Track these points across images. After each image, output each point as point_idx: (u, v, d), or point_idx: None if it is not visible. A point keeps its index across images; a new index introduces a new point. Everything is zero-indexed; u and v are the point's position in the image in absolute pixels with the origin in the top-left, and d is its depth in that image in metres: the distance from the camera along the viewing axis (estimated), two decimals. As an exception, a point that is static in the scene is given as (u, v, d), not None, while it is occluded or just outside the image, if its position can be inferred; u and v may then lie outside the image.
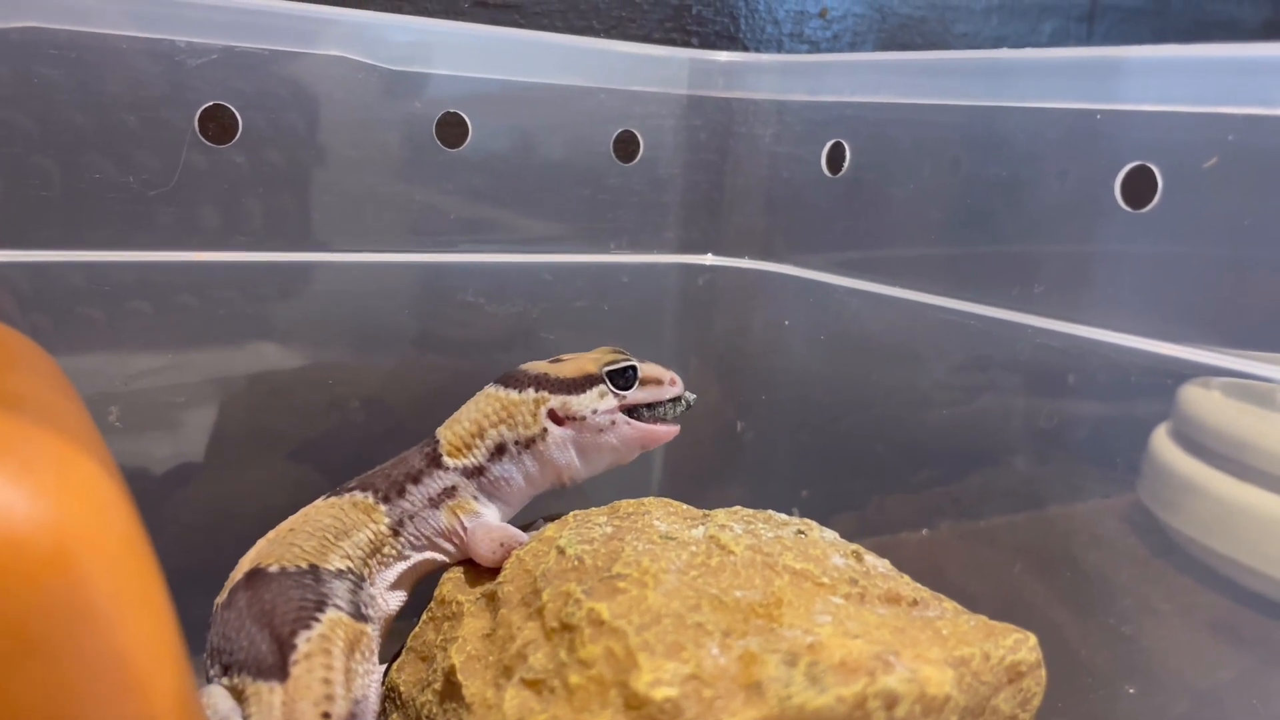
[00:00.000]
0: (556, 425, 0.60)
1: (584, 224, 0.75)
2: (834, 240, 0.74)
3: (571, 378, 0.61)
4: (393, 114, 0.66)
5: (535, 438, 0.60)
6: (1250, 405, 0.54)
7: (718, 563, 0.49)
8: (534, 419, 0.60)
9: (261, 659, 0.49)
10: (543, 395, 0.60)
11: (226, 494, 0.69)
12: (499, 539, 0.56)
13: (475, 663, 0.49)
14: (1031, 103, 0.59)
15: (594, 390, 0.60)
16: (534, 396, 0.60)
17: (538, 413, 0.60)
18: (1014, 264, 0.62)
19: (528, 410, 0.60)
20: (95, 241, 0.61)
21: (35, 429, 0.30)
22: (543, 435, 0.60)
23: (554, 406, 0.60)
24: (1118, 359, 0.56)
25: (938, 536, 0.69)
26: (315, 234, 0.67)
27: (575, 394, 0.60)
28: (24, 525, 0.26)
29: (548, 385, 0.60)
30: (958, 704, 0.43)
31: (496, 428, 0.60)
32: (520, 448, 0.60)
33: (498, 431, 0.60)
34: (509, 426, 0.60)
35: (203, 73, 0.60)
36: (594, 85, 0.71)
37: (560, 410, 0.60)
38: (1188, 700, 0.56)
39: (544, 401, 0.60)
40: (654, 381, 0.62)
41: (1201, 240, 0.53)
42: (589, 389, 0.60)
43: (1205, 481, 0.55)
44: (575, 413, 0.60)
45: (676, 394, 0.62)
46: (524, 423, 0.60)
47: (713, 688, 0.40)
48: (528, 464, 0.60)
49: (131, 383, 0.64)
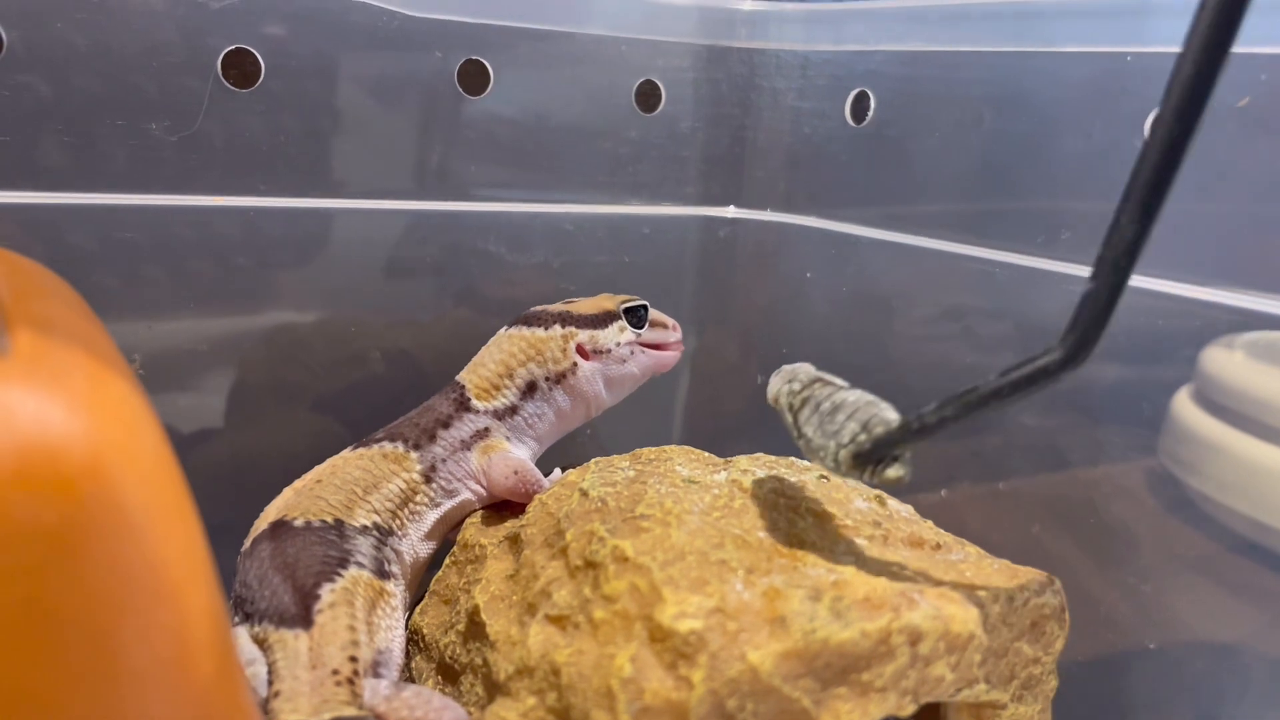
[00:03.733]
0: (584, 359, 0.62)
1: (605, 175, 0.74)
2: (857, 192, 0.74)
3: (594, 314, 0.63)
4: (414, 60, 0.66)
5: (566, 372, 0.62)
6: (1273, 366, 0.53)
7: (740, 504, 0.49)
8: (564, 354, 0.62)
9: (285, 609, 0.50)
10: (570, 331, 0.62)
11: (248, 446, 0.70)
12: (514, 466, 0.58)
13: (499, 602, 0.49)
14: (1060, 47, 0.58)
15: (614, 325, 0.63)
16: (561, 332, 0.62)
17: (567, 348, 0.62)
18: (1040, 211, 0.61)
19: (557, 346, 0.62)
20: (117, 186, 0.61)
21: (67, 348, 0.30)
22: (573, 369, 0.62)
23: (581, 341, 0.62)
24: (1145, 304, 0.55)
25: (958, 496, 0.69)
26: (336, 180, 0.67)
27: (600, 328, 0.63)
28: (60, 435, 0.26)
29: (573, 321, 0.63)
30: (981, 643, 0.43)
31: (525, 365, 0.62)
32: (551, 383, 0.62)
33: (527, 370, 0.62)
34: (539, 364, 0.62)
35: (225, 16, 0.60)
36: (615, 34, 0.71)
37: (588, 344, 0.62)
38: (1207, 656, 0.56)
39: (572, 336, 0.62)
40: (660, 325, 0.66)
41: (1233, 182, 0.52)
42: (610, 324, 0.63)
43: (1227, 442, 0.54)
44: (602, 345, 0.63)
45: (678, 339, 0.66)
46: (554, 358, 0.62)
47: (737, 621, 0.40)
48: (559, 399, 0.62)
49: (155, 331, 0.64)
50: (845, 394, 0.44)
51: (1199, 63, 0.32)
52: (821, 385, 0.46)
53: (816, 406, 0.44)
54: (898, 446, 0.41)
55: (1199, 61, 0.32)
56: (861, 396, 0.44)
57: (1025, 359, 0.37)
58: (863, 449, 0.42)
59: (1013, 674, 0.47)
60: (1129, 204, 0.33)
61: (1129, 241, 0.34)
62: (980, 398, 0.38)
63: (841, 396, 0.44)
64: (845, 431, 0.42)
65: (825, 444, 0.43)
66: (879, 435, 0.42)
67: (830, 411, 0.44)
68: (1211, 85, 0.32)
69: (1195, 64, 0.32)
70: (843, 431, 0.43)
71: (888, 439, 0.41)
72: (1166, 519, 0.57)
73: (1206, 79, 0.32)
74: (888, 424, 0.42)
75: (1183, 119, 0.32)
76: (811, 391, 0.45)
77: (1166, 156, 0.33)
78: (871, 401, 0.44)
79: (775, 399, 0.48)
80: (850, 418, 0.43)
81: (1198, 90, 0.32)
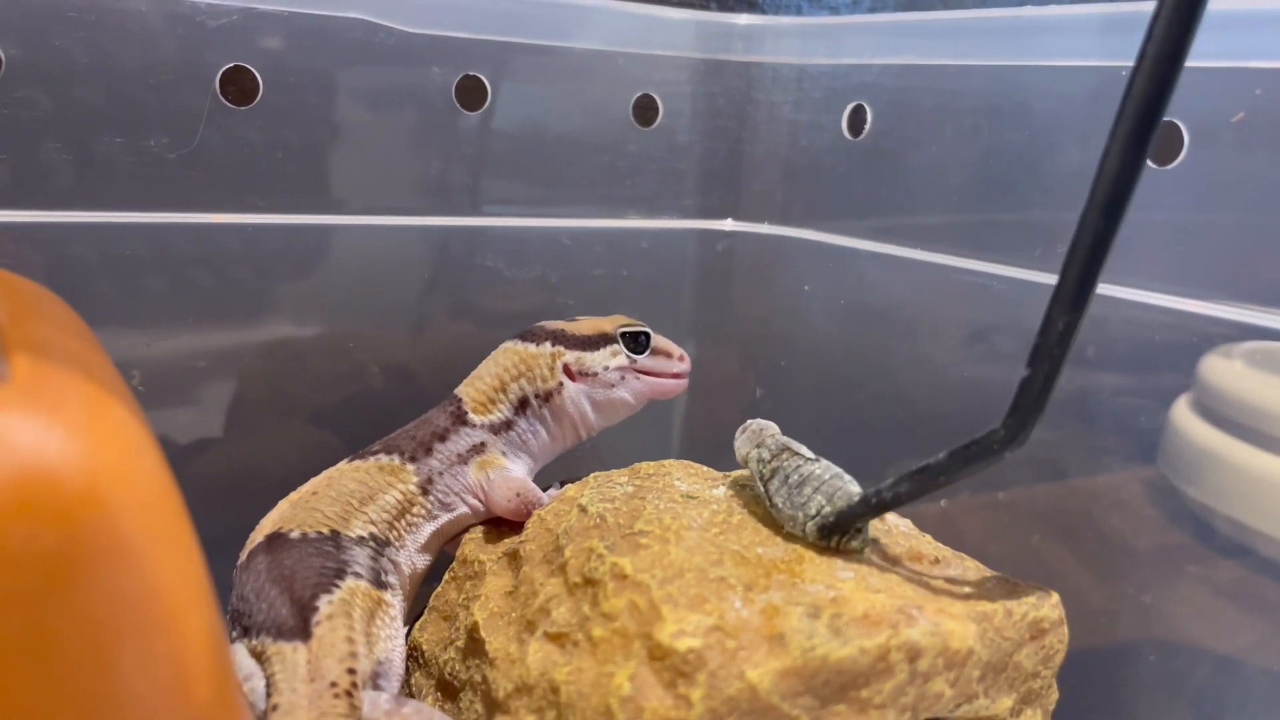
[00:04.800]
0: (570, 380, 0.62)
1: (603, 189, 0.75)
2: (854, 205, 0.74)
3: (587, 335, 0.62)
4: (412, 76, 0.66)
5: (553, 391, 0.61)
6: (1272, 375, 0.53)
7: (739, 520, 0.49)
8: (551, 372, 0.61)
9: (282, 621, 0.49)
10: (559, 350, 0.62)
11: (246, 459, 0.70)
12: (516, 489, 0.57)
13: (498, 619, 0.49)
14: (1056, 61, 0.58)
15: (607, 349, 0.62)
16: (550, 350, 0.62)
17: (554, 366, 0.61)
18: (1037, 224, 0.62)
19: (545, 363, 0.61)
20: (116, 205, 0.61)
21: (65, 373, 0.30)
22: (559, 389, 0.61)
23: (568, 361, 0.62)
24: (1142, 318, 0.55)
25: (957, 507, 0.69)
26: (335, 196, 0.67)
27: (589, 350, 0.62)
28: (57, 463, 0.26)
29: (564, 340, 0.62)
30: (980, 658, 0.43)
31: (517, 381, 0.62)
32: (540, 401, 0.62)
33: (518, 385, 0.62)
34: (528, 380, 0.61)
35: (223, 34, 0.60)
36: (612, 48, 0.71)
37: (574, 365, 0.62)
38: (1208, 666, 0.56)
39: (560, 355, 0.62)
40: (664, 353, 0.64)
41: (1228, 196, 0.53)
42: (603, 347, 0.62)
43: (1225, 451, 0.54)
44: (588, 368, 0.62)
45: (683, 369, 0.64)
46: (542, 376, 0.61)
47: (736, 639, 0.40)
48: (548, 418, 0.62)
49: (154, 346, 0.64)
50: (812, 466, 0.49)
51: (1119, 170, 0.34)
52: (790, 455, 0.50)
53: (785, 479, 0.49)
54: (859, 519, 0.46)
55: (1118, 169, 0.34)
56: (827, 469, 0.48)
57: (972, 440, 0.41)
58: (827, 521, 0.46)
59: (1013, 688, 0.47)
60: (1059, 300, 0.37)
61: (1060, 332, 0.37)
62: (932, 474, 0.43)
63: (809, 469, 0.48)
64: (812, 504, 0.47)
65: (794, 514, 0.47)
66: (841, 509, 0.46)
67: (798, 484, 0.48)
68: (1132, 185, 0.34)
69: (1114, 173, 0.34)
70: (809, 504, 0.47)
71: (850, 513, 0.46)
72: (1166, 529, 0.57)
73: (1127, 180, 0.34)
74: (850, 498, 0.46)
75: (1108, 214, 0.35)
76: (780, 463, 0.50)
77: (1093, 251, 0.36)
78: (836, 475, 0.48)
79: (744, 460, 0.52)
80: (816, 491, 0.47)
81: (1120, 187, 0.35)
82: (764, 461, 0.50)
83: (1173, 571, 0.57)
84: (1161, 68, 0.32)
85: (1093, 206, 0.35)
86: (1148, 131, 0.33)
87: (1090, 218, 0.35)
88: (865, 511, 0.45)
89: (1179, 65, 0.32)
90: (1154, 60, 0.32)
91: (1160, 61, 0.32)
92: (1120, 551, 0.59)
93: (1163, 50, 0.32)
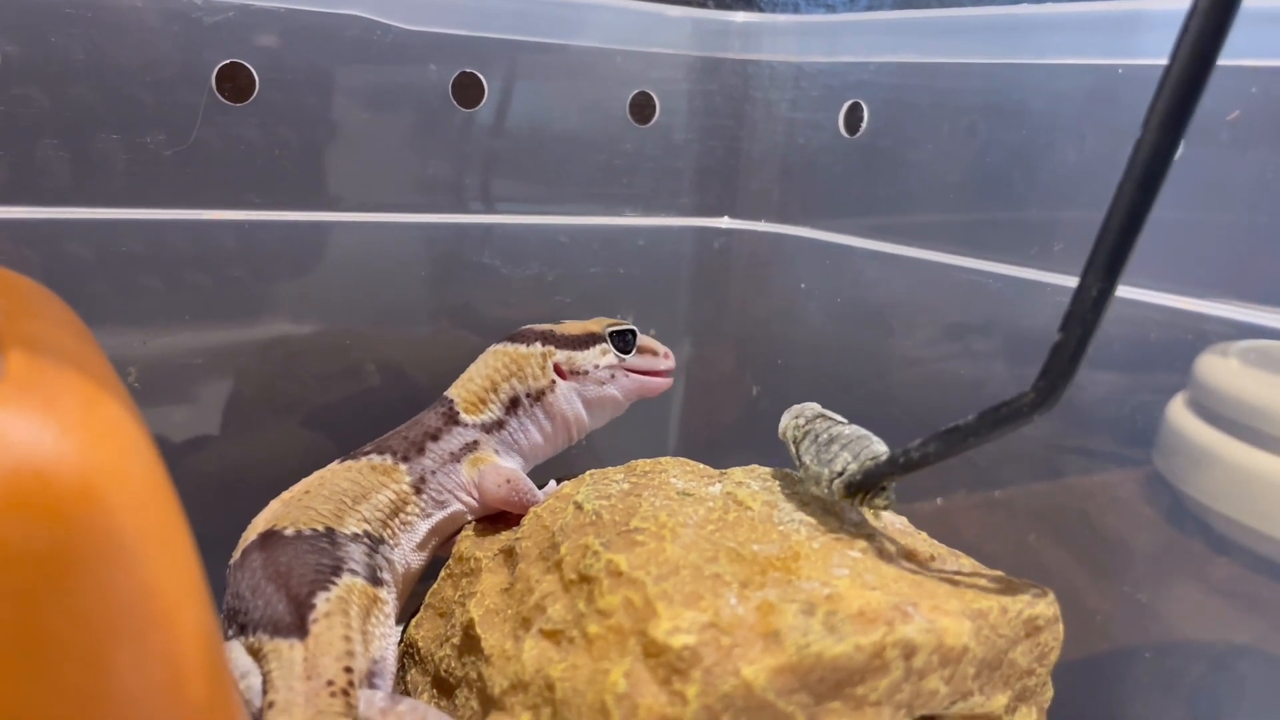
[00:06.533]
0: (561, 378, 0.63)
1: (600, 186, 0.75)
2: (851, 203, 0.74)
3: (576, 335, 0.64)
4: (409, 73, 0.66)
5: (545, 390, 0.63)
6: (1267, 373, 0.53)
7: (735, 518, 0.49)
8: (542, 371, 0.63)
9: (279, 618, 0.49)
10: (549, 349, 0.63)
11: (242, 457, 0.70)
12: (506, 475, 0.58)
13: (494, 616, 0.49)
14: (1052, 59, 0.58)
15: (596, 348, 0.64)
16: (541, 350, 0.63)
17: (545, 365, 0.63)
18: (1033, 222, 0.62)
19: (536, 363, 0.63)
20: (112, 202, 0.61)
21: (60, 370, 0.30)
22: (551, 387, 0.63)
23: (559, 360, 0.63)
24: (1138, 316, 0.55)
25: (953, 504, 0.69)
26: (331, 193, 0.67)
27: (579, 350, 0.64)
28: (51, 459, 0.26)
29: (554, 340, 0.63)
30: (975, 655, 0.43)
31: (508, 381, 0.62)
32: (532, 400, 0.63)
33: (509, 385, 0.62)
34: (519, 379, 0.62)
35: (219, 31, 0.60)
36: (610, 46, 0.71)
37: (565, 364, 0.63)
38: (1203, 664, 0.56)
39: (551, 355, 0.63)
40: (650, 351, 0.66)
41: (1224, 194, 0.53)
42: (592, 346, 0.64)
43: (1221, 449, 0.55)
44: (579, 366, 0.63)
45: (669, 367, 0.66)
46: (533, 375, 0.62)
47: (731, 636, 0.40)
48: (540, 416, 0.63)
49: (150, 343, 0.64)
50: (842, 428, 0.49)
51: (1157, 144, 0.34)
52: (822, 420, 0.50)
53: (815, 438, 0.49)
54: (885, 478, 0.46)
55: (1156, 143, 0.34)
56: (856, 431, 0.48)
57: (1002, 402, 0.41)
58: (853, 479, 0.46)
59: (1008, 685, 0.47)
60: (1094, 266, 0.37)
61: (1094, 298, 0.37)
62: (961, 435, 0.42)
63: (838, 430, 0.49)
64: (838, 461, 0.47)
65: (820, 471, 0.47)
66: (868, 467, 0.46)
67: (827, 443, 0.48)
68: (1169, 160, 0.35)
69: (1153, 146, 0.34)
70: (836, 461, 0.47)
71: (876, 471, 0.46)
72: (1161, 527, 0.57)
73: (1165, 155, 0.35)
74: (877, 456, 0.46)
75: (1144, 188, 0.35)
76: (813, 425, 0.50)
77: (1129, 221, 0.36)
78: (864, 435, 0.48)
79: (783, 433, 0.53)
80: (844, 449, 0.47)
81: (1157, 161, 0.35)
82: (798, 427, 0.51)
83: (1168, 569, 0.57)
84: (1204, 40, 0.33)
85: (1129, 177, 0.35)
86: (1189, 105, 0.34)
87: (1127, 187, 0.35)
88: (892, 470, 0.45)
89: (1224, 34, 0.32)
90: (1197, 33, 0.33)
91: (1203, 35, 0.32)
92: (1116, 549, 0.59)
93: (1207, 21, 0.32)
